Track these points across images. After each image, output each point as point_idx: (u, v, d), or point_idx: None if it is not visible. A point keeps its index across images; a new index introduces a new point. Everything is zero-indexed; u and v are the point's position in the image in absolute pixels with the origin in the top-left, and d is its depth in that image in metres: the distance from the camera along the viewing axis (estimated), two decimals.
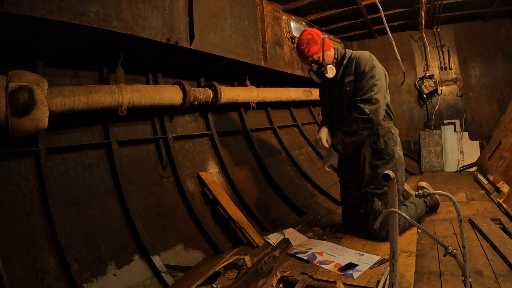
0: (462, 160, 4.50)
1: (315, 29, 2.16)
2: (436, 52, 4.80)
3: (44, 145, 1.80)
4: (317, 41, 2.04)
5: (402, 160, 2.14)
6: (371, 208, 2.08)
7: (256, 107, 3.35)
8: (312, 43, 2.04)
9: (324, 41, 2.06)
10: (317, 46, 2.05)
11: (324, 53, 2.05)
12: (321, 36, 2.08)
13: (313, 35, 2.06)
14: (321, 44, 2.05)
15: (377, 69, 2.02)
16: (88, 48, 2.03)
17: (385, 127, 2.10)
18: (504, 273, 1.52)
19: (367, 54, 2.07)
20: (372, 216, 2.06)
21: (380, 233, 1.99)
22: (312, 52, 2.05)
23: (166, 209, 2.29)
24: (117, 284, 1.78)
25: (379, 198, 2.05)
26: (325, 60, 2.06)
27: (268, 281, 1.60)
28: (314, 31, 2.09)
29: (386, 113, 2.11)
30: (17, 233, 1.61)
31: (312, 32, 2.08)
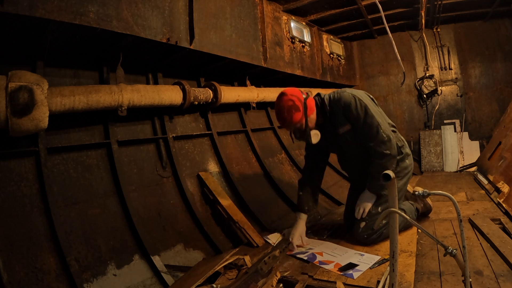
0: (462, 160, 4.50)
1: (294, 89, 1.88)
2: (436, 52, 4.80)
3: (44, 145, 1.81)
4: (299, 108, 1.81)
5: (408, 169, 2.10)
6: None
7: (256, 107, 3.35)
8: (293, 111, 1.81)
9: (307, 105, 1.84)
10: (300, 113, 1.82)
11: (307, 119, 1.85)
12: (302, 98, 1.84)
13: (294, 100, 1.82)
14: (303, 109, 1.82)
15: (367, 105, 1.89)
16: (88, 48, 2.03)
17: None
18: (504, 273, 1.52)
19: (348, 95, 1.90)
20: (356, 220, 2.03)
21: (362, 235, 1.96)
22: (295, 121, 1.83)
23: (166, 209, 2.29)
24: (117, 284, 1.78)
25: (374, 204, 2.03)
26: (308, 125, 1.87)
27: (268, 281, 1.60)
28: (294, 94, 1.85)
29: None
30: (17, 233, 1.61)
31: (292, 96, 1.83)
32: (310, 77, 3.88)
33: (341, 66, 4.75)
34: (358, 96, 1.90)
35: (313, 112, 1.90)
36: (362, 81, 5.31)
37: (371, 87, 5.26)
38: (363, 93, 1.99)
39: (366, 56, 5.27)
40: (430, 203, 2.49)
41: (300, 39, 3.70)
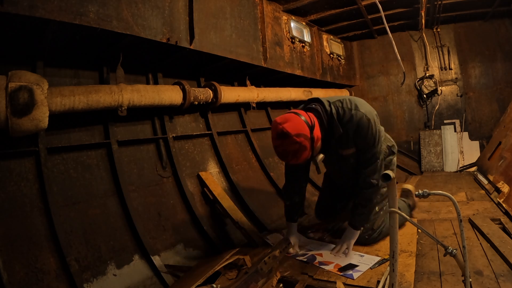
0: (462, 160, 4.50)
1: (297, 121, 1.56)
2: (436, 52, 4.80)
3: (44, 145, 1.80)
4: (307, 147, 1.56)
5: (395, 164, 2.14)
6: None
7: (256, 107, 3.35)
8: (300, 153, 1.56)
9: (314, 138, 1.58)
10: (307, 151, 1.57)
11: (313, 151, 1.63)
12: (309, 133, 1.56)
13: (301, 142, 1.53)
14: (310, 146, 1.57)
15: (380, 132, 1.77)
16: (88, 48, 2.03)
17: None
18: (504, 273, 1.52)
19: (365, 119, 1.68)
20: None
21: (363, 236, 1.96)
22: (302, 159, 1.60)
23: (166, 209, 2.29)
24: (117, 284, 1.78)
25: None
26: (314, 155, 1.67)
27: (268, 281, 1.60)
28: (300, 131, 1.53)
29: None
30: (17, 233, 1.61)
31: (299, 137, 1.53)
32: (310, 77, 3.88)
33: (341, 66, 4.75)
34: (373, 120, 1.71)
35: (319, 141, 1.65)
36: (362, 81, 5.31)
37: (371, 87, 5.26)
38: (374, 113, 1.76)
39: (366, 56, 5.27)
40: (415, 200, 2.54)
41: (300, 39, 3.70)
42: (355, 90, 5.27)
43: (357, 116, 1.67)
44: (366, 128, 1.68)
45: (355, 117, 1.68)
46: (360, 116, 1.67)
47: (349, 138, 1.73)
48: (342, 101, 1.72)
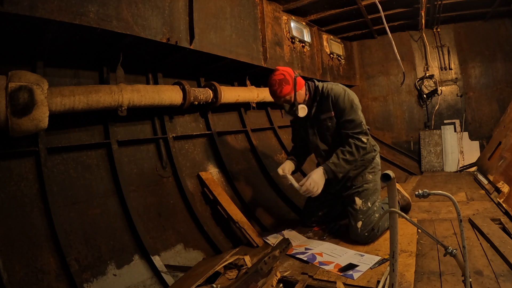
0: (462, 160, 4.50)
1: (287, 67, 2.11)
2: (436, 52, 4.80)
3: (44, 145, 1.81)
4: (289, 81, 2.01)
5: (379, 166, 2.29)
6: (352, 209, 2.12)
7: (256, 107, 3.35)
8: (284, 84, 2.01)
9: (296, 81, 2.04)
10: (289, 86, 2.02)
11: (296, 93, 2.04)
12: (293, 75, 2.05)
13: (285, 75, 2.02)
14: (293, 84, 2.02)
15: (355, 101, 2.07)
16: (88, 48, 2.03)
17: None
18: (504, 273, 1.52)
19: (340, 88, 2.09)
20: (353, 217, 2.09)
21: (363, 234, 2.01)
22: (284, 93, 2.03)
23: (166, 209, 2.29)
24: (117, 284, 1.78)
25: (359, 197, 2.12)
26: (296, 99, 2.06)
27: (268, 281, 1.60)
28: (285, 70, 2.06)
29: None
30: (17, 233, 1.61)
31: (284, 71, 2.04)
32: (310, 77, 3.88)
33: (341, 66, 4.75)
34: (347, 91, 2.08)
35: (301, 88, 2.10)
36: (362, 81, 5.31)
37: (371, 87, 5.26)
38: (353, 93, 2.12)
39: (366, 56, 5.27)
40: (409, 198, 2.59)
41: (300, 39, 3.70)
42: (355, 90, 5.26)
43: (335, 87, 2.11)
44: (339, 94, 2.05)
45: (333, 87, 2.10)
46: (337, 87, 2.10)
47: (329, 102, 2.08)
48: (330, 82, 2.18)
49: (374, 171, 2.21)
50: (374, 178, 2.19)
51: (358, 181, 2.17)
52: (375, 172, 2.21)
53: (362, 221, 2.03)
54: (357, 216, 2.07)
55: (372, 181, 2.17)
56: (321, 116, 2.14)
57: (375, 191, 2.16)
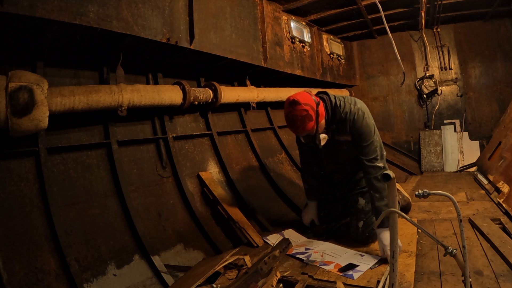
0: (462, 160, 4.50)
1: (306, 95, 1.84)
2: (436, 52, 4.80)
3: (44, 145, 1.80)
4: (312, 117, 1.81)
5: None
6: (354, 208, 2.12)
7: (256, 107, 3.35)
8: (307, 121, 1.81)
9: (319, 113, 1.85)
10: (313, 122, 1.83)
11: (318, 126, 1.88)
12: (315, 106, 1.83)
13: (308, 110, 1.79)
14: (315, 118, 1.84)
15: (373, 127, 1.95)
16: (88, 48, 2.03)
17: None
18: (504, 273, 1.52)
19: (361, 113, 1.92)
20: (355, 217, 2.09)
21: (363, 233, 2.01)
22: (308, 130, 1.85)
23: (166, 209, 2.29)
24: (117, 284, 1.78)
25: (363, 197, 2.10)
26: (318, 131, 1.91)
27: (268, 281, 1.60)
28: (307, 102, 1.81)
29: None
30: (17, 233, 1.61)
31: (307, 106, 1.80)
32: (310, 77, 3.88)
33: (341, 66, 4.75)
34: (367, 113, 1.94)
35: (323, 118, 1.91)
36: (362, 81, 5.31)
37: (371, 87, 5.26)
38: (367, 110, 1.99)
39: (366, 56, 5.27)
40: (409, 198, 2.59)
41: (300, 39, 3.70)
42: (355, 90, 5.27)
43: (355, 109, 1.94)
44: (361, 119, 1.92)
45: (353, 110, 1.94)
46: (357, 109, 1.94)
47: (346, 126, 1.95)
48: (344, 98, 2.01)
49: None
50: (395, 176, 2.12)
51: (362, 182, 2.15)
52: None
53: (364, 221, 2.03)
54: (359, 216, 2.06)
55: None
56: (339, 138, 2.02)
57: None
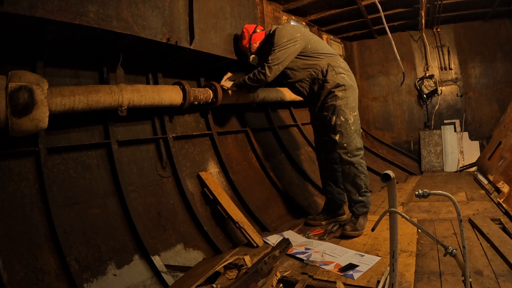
0: (462, 160, 4.50)
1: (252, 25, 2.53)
2: (436, 52, 4.80)
3: (44, 145, 1.80)
4: (245, 37, 2.49)
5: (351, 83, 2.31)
6: (329, 126, 2.27)
7: (256, 107, 3.35)
8: (241, 38, 2.52)
9: (252, 36, 2.47)
10: (245, 40, 2.49)
11: (250, 46, 2.49)
12: (251, 31, 2.47)
13: (244, 32, 2.50)
14: (248, 39, 2.48)
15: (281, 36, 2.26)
16: (88, 48, 2.03)
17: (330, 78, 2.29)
18: (504, 273, 1.52)
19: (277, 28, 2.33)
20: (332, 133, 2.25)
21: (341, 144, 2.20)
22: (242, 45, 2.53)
23: (166, 209, 2.29)
24: (117, 284, 1.78)
25: (333, 114, 2.24)
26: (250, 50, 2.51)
27: (268, 281, 1.60)
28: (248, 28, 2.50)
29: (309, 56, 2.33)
30: (17, 233, 1.61)
31: (245, 29, 2.50)
32: None
33: None
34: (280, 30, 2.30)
35: (255, 42, 2.47)
36: (362, 81, 5.31)
37: (371, 87, 5.26)
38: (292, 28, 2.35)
39: (366, 56, 5.27)
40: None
41: None
42: None
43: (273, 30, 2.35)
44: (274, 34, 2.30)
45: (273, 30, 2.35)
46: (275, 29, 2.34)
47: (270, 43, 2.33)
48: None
49: (344, 89, 2.25)
50: (345, 95, 2.24)
51: (329, 101, 2.27)
52: (345, 89, 2.25)
53: (339, 133, 2.21)
54: (335, 130, 2.23)
55: (342, 98, 2.24)
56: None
57: (346, 106, 2.23)
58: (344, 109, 2.23)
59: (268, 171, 3.15)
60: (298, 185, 3.37)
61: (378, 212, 2.74)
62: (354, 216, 2.25)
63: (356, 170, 2.20)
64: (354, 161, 2.20)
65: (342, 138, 2.21)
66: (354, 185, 2.23)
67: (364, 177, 2.23)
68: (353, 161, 2.20)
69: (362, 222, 2.21)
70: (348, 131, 2.21)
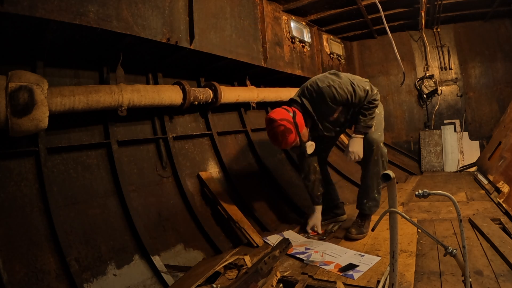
0: (462, 160, 4.50)
1: (280, 111, 1.93)
2: (436, 52, 4.80)
3: (44, 145, 1.81)
4: (291, 130, 1.88)
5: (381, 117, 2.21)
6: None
7: (256, 107, 3.35)
8: (287, 134, 1.88)
9: (297, 123, 1.91)
10: (293, 134, 1.89)
11: (300, 136, 1.94)
12: (291, 118, 1.90)
13: (285, 125, 1.87)
14: (295, 130, 1.90)
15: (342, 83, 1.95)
16: (88, 48, 2.03)
17: None
18: (504, 273, 1.52)
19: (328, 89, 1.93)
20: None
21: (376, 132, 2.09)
22: (290, 142, 1.91)
23: (166, 209, 2.29)
24: (117, 284, 1.78)
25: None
26: (303, 140, 1.98)
27: (268, 281, 1.60)
28: (283, 117, 1.89)
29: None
30: (17, 233, 1.61)
31: (282, 121, 1.88)
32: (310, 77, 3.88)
33: (341, 66, 4.75)
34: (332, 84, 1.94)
35: (304, 127, 1.97)
36: None
37: None
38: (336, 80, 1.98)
39: (366, 56, 5.27)
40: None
41: (300, 39, 3.70)
42: None
43: (323, 89, 1.94)
44: (333, 94, 1.92)
45: (322, 91, 1.94)
46: (325, 89, 1.94)
47: (328, 105, 1.98)
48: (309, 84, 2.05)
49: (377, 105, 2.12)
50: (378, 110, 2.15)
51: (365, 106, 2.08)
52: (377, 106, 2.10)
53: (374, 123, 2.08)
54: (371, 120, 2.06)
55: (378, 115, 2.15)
56: (330, 119, 2.08)
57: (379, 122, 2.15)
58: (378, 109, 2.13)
59: (268, 171, 3.15)
60: (298, 185, 3.36)
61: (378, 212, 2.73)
62: (361, 217, 2.20)
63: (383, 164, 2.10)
64: (384, 153, 2.09)
65: (377, 127, 2.10)
66: (376, 179, 2.10)
67: None
68: (383, 153, 2.09)
69: (367, 224, 2.19)
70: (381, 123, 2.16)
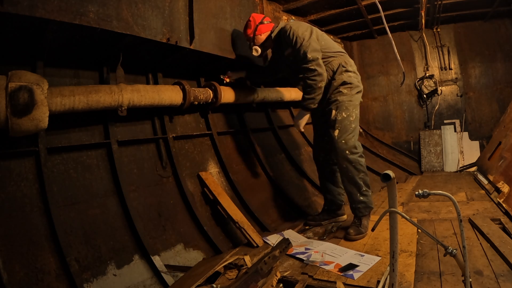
0: (462, 160, 4.50)
1: (261, 15, 2.45)
2: (436, 52, 4.80)
3: (44, 145, 1.80)
4: (251, 26, 2.39)
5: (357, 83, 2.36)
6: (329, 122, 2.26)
7: (256, 107, 3.35)
8: (247, 27, 2.42)
9: (258, 27, 2.38)
10: (251, 30, 2.40)
11: (255, 36, 2.40)
12: (258, 22, 2.39)
13: (250, 21, 2.40)
14: (253, 29, 2.39)
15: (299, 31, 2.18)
16: (88, 48, 2.03)
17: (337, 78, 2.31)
18: (504, 273, 1.52)
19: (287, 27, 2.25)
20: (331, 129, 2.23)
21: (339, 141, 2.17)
22: (247, 33, 2.43)
23: (166, 209, 2.29)
24: (117, 284, 1.78)
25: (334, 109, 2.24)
26: (254, 41, 2.42)
27: (268, 281, 1.60)
28: (256, 17, 2.40)
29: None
30: (17, 233, 1.61)
31: (252, 18, 2.40)
32: None
33: None
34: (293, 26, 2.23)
35: (261, 33, 2.39)
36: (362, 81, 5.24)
37: (371, 87, 5.26)
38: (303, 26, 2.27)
39: (366, 56, 5.27)
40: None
41: None
42: None
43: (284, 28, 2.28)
44: (287, 32, 2.22)
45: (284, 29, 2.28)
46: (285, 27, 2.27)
47: (284, 42, 2.29)
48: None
49: (350, 87, 2.29)
50: (350, 92, 2.28)
51: (333, 96, 2.28)
52: (351, 87, 2.30)
53: (338, 129, 2.19)
54: (334, 126, 2.21)
55: (346, 95, 2.26)
56: (285, 54, 2.35)
57: (350, 103, 2.25)
58: (347, 106, 2.22)
59: (268, 171, 3.15)
60: (298, 185, 3.37)
61: (378, 212, 2.74)
62: (357, 218, 2.22)
63: (354, 169, 2.17)
64: (352, 158, 2.17)
65: (341, 134, 2.18)
66: (354, 184, 2.19)
67: (364, 176, 2.20)
68: (351, 159, 2.16)
69: (365, 223, 2.19)
70: (348, 128, 2.19)
